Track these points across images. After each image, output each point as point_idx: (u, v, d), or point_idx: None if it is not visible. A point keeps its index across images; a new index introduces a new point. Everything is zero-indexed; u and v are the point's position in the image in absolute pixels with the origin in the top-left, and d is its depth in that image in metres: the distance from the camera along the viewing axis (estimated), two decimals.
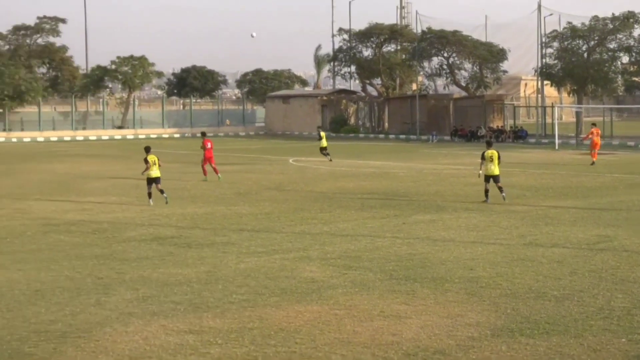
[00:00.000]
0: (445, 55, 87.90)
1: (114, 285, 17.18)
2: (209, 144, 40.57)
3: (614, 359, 12.18)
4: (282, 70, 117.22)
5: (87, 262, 19.62)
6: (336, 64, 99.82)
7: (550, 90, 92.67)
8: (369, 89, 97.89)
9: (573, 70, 77.74)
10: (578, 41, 79.39)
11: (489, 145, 31.02)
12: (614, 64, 79.70)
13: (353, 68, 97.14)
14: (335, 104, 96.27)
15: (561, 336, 13.12)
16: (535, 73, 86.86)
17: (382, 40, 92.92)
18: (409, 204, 30.29)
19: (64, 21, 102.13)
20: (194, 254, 20.70)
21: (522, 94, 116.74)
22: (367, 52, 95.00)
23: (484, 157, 30.04)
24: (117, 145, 69.07)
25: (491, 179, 29.76)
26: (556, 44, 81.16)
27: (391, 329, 13.72)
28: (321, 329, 13.80)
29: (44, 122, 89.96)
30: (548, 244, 21.61)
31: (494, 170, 29.74)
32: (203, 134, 43.66)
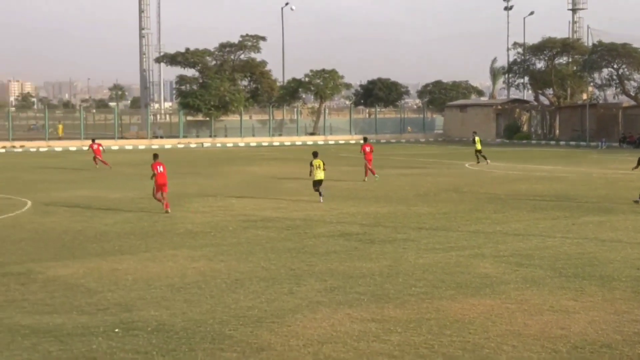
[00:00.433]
0: (615, 66, 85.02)
1: (305, 276, 17.39)
2: (367, 148, 41.30)
3: None
4: (460, 81, 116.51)
5: (281, 255, 19.94)
6: (510, 75, 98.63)
7: None
8: (541, 98, 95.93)
9: None
10: None
11: None
12: None
13: (526, 79, 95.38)
14: (509, 112, 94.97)
15: None
16: None
17: (555, 53, 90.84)
18: (579, 206, 29.50)
19: (264, 39, 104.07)
20: (377, 249, 20.73)
21: None
22: (540, 64, 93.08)
23: None
24: (309, 150, 69.90)
25: None
26: None
27: (560, 323, 13.39)
28: (493, 321, 13.59)
29: (245, 129, 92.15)
30: None
31: None
32: (365, 139, 43.99)
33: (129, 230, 24.21)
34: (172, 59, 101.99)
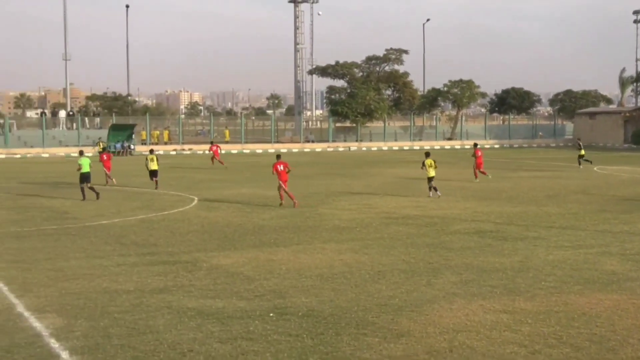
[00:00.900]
0: None
1: (442, 269, 17.26)
2: (479, 152, 41.41)
3: None
4: (590, 90, 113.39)
5: (419, 249, 19.84)
6: (639, 84, 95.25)
7: None
8: None
9: None
10: None
11: None
12: None
13: None
14: (637, 119, 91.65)
15: None
16: None
17: None
18: None
19: (406, 52, 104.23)
20: (509, 246, 20.38)
21: None
22: None
23: None
24: (446, 154, 69.31)
25: None
26: None
27: None
28: (620, 315, 13.16)
29: (388, 135, 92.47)
30: None
31: None
32: (475, 145, 43.53)
33: (284, 224, 24.55)
34: (323, 71, 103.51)
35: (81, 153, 34.27)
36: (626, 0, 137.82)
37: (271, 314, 13.26)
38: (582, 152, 52.01)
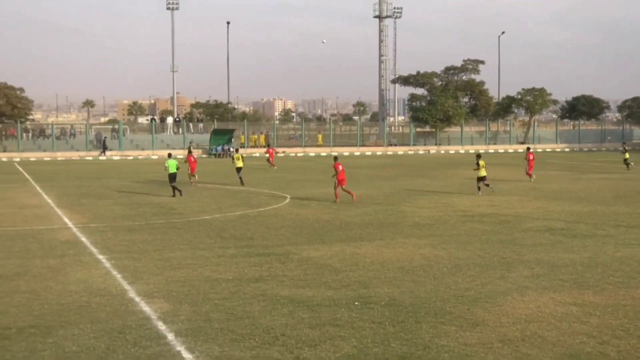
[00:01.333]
0: None
1: (514, 264, 16.98)
2: (531, 156, 41.08)
3: None
4: None
5: (493, 245, 19.57)
6: None
7: None
8: None
9: None
10: None
11: None
12: None
13: None
14: None
15: None
16: None
17: None
18: None
19: (483, 62, 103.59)
20: (578, 243, 19.91)
21: None
22: None
23: None
24: (518, 157, 68.05)
25: None
26: None
27: None
28: None
29: (465, 139, 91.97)
30: None
31: None
32: (528, 148, 42.93)
33: (368, 221, 24.52)
34: (405, 80, 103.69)
35: (169, 155, 34.90)
36: None
37: (356, 303, 13.25)
38: (627, 155, 51.59)
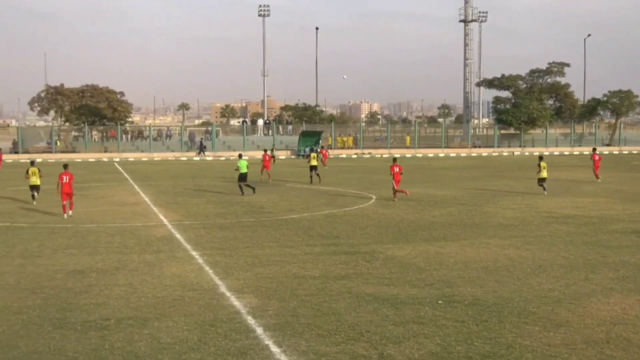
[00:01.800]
0: None
1: (599, 265, 16.54)
2: (596, 157, 41.20)
3: None
4: None
5: (578, 247, 19.09)
6: None
7: None
8: None
9: None
10: None
11: None
12: None
13: None
14: None
15: None
16: None
17: None
18: None
19: (568, 65, 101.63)
20: None
21: None
22: None
23: None
24: (604, 159, 66.36)
25: None
26: None
27: None
28: None
29: (549, 141, 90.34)
30: None
31: None
32: (594, 149, 41.77)
33: (452, 221, 24.27)
34: (489, 83, 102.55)
35: (240, 156, 35.59)
36: None
37: (440, 301, 13.13)
38: None
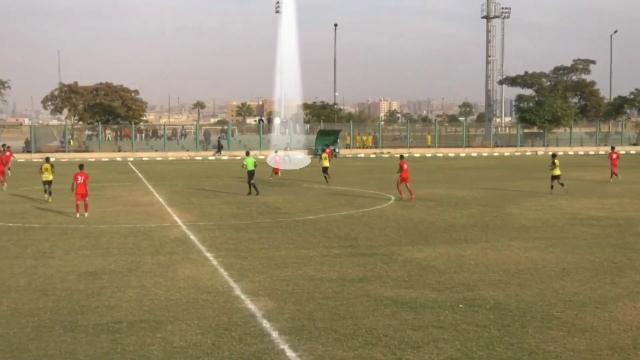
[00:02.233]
0: None
1: (626, 269, 16.40)
2: (613, 155, 40.46)
3: None
4: None
5: (603, 249, 18.94)
6: None
7: None
8: None
9: None
10: None
11: None
12: None
13: None
14: None
15: None
16: None
17: None
18: None
19: (593, 62, 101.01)
20: None
21: None
22: None
23: None
24: (631, 159, 65.86)
25: None
26: None
27: None
28: None
29: (574, 140, 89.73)
30: None
31: None
32: (612, 148, 41.09)
33: (473, 223, 24.16)
34: (512, 81, 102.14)
35: (247, 154, 35.98)
36: None
37: (460, 305, 13.06)
38: None
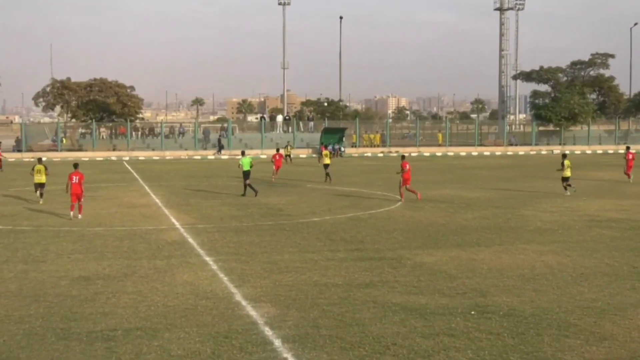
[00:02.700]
0: None
1: None
2: (630, 156, 40.87)
3: None
4: None
5: (623, 253, 18.89)
6: None
7: None
8: None
9: None
10: None
11: None
12: None
13: None
14: None
15: None
16: None
17: None
18: None
19: (612, 56, 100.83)
20: None
21: None
22: None
23: None
24: None
25: None
26: None
27: None
28: None
29: (592, 138, 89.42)
30: None
31: None
32: (627, 147, 41.45)
33: (486, 225, 24.13)
34: (527, 76, 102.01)
35: (243, 153, 36.97)
36: None
37: (472, 312, 13.03)
38: None
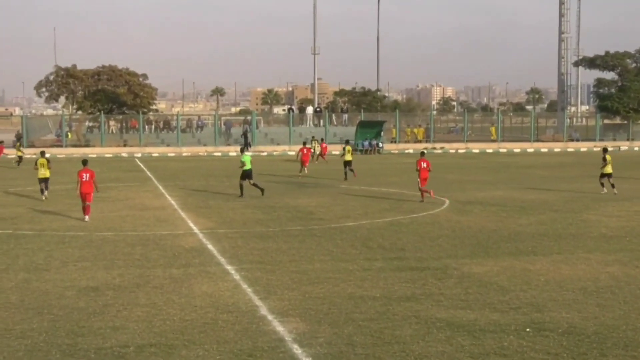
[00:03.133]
0: None
1: None
2: None
3: None
4: None
5: None
6: None
7: None
8: None
9: None
10: None
11: None
12: None
13: None
14: None
15: None
16: None
17: None
18: None
19: None
20: None
21: None
22: None
23: None
24: None
25: None
26: None
27: None
28: None
29: None
30: None
31: None
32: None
33: (543, 231, 24.03)
34: (590, 62, 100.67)
35: (242, 150, 37.50)
36: None
37: (528, 329, 13.01)
38: None
